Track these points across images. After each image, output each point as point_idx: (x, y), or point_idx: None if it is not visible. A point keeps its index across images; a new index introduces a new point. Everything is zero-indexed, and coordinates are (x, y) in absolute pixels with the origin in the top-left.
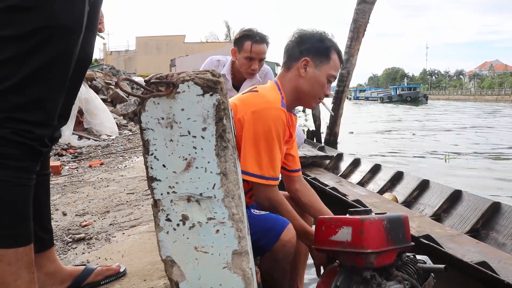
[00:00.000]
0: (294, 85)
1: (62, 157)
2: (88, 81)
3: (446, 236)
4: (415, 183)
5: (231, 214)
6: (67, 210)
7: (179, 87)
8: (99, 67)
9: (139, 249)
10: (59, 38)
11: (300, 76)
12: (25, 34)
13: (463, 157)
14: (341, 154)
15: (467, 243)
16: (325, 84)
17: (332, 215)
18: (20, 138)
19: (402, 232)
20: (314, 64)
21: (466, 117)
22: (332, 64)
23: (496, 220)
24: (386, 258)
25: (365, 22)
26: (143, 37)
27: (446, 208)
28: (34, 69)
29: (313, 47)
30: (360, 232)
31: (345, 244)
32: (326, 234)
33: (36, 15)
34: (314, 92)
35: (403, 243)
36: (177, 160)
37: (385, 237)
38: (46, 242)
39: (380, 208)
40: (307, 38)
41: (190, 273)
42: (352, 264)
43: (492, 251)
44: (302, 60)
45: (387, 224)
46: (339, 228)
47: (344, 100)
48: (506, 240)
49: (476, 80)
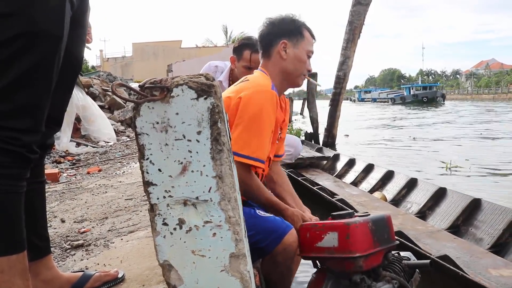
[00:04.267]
0: (279, 68)
1: (60, 164)
2: (85, 88)
3: (426, 232)
4: (403, 181)
5: (228, 217)
6: (66, 217)
7: (173, 91)
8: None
9: (137, 255)
10: (41, 43)
11: (282, 59)
12: (5, 41)
13: (466, 165)
14: (338, 154)
15: (445, 239)
16: (306, 60)
17: (290, 196)
18: (7, 146)
19: (387, 232)
20: (292, 44)
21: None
22: (307, 40)
23: (476, 216)
24: (374, 260)
25: (360, 23)
26: (140, 43)
27: (431, 205)
28: (18, 75)
29: (286, 29)
30: (347, 236)
31: (332, 250)
32: (311, 241)
33: (16, 21)
34: (298, 70)
35: (389, 243)
36: (172, 164)
37: (371, 239)
38: (42, 249)
39: (368, 207)
40: (279, 22)
41: (187, 277)
42: (341, 269)
43: (467, 246)
44: (280, 43)
45: (372, 226)
46: (324, 234)
47: (342, 102)
48: (483, 235)
49: (473, 79)
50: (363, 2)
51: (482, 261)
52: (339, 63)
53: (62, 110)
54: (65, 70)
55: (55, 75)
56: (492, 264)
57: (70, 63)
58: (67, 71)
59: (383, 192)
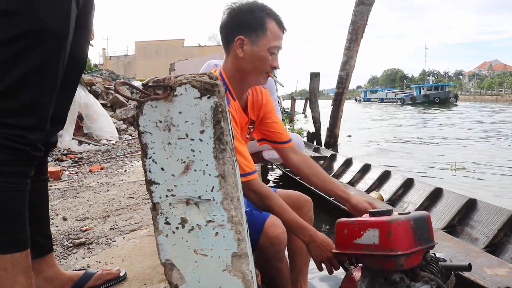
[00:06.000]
0: (236, 68)
1: (62, 162)
2: (88, 86)
3: None
4: (400, 181)
5: (230, 216)
6: (68, 215)
7: (176, 90)
8: (99, 72)
9: (139, 253)
10: (46, 42)
11: (238, 57)
12: (11, 39)
13: (473, 167)
14: (335, 154)
15: (440, 238)
16: (268, 58)
17: (337, 184)
18: (12, 143)
19: (426, 231)
20: (250, 40)
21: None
22: (270, 35)
23: (471, 216)
24: (414, 259)
25: (363, 23)
26: (142, 41)
27: (428, 205)
28: (23, 73)
29: (244, 22)
30: (389, 234)
31: (372, 247)
32: (349, 238)
33: (21, 19)
34: (258, 69)
35: (429, 243)
36: (175, 163)
37: (412, 237)
38: (45, 247)
39: None
40: (236, 14)
41: (189, 276)
42: (380, 267)
43: (462, 246)
44: (236, 40)
45: (413, 224)
46: (364, 230)
47: (344, 102)
48: (479, 235)
49: (476, 80)
50: (366, 2)
51: (478, 260)
52: (342, 63)
53: (65, 108)
54: (69, 68)
55: (60, 73)
56: (487, 263)
57: (75, 61)
58: (71, 70)
59: (380, 192)
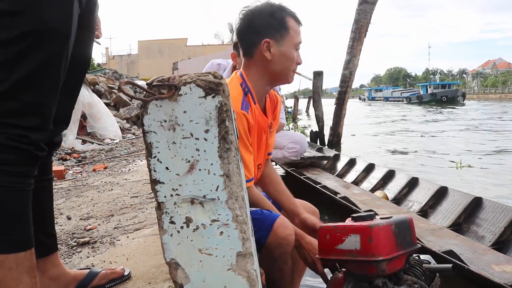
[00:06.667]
0: (264, 70)
1: (66, 161)
2: (91, 86)
3: (428, 230)
4: (405, 181)
5: (235, 215)
6: (72, 214)
7: (181, 89)
8: (102, 71)
9: (143, 252)
10: (48, 41)
11: (267, 60)
12: (13, 39)
13: (479, 163)
14: (338, 154)
15: (447, 236)
16: (294, 55)
17: (291, 199)
18: (15, 143)
19: (409, 235)
20: (276, 42)
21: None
22: (292, 33)
23: (477, 214)
24: (396, 264)
25: (366, 22)
26: (146, 41)
27: (433, 204)
28: (26, 73)
29: (267, 25)
30: (370, 239)
31: (354, 253)
32: (331, 243)
33: (24, 19)
34: (287, 69)
35: (411, 246)
36: (180, 162)
37: (394, 242)
38: (49, 246)
39: (370, 205)
40: (255, 17)
41: (194, 275)
42: (362, 272)
43: (469, 243)
44: (263, 43)
45: (395, 229)
46: (345, 236)
47: (347, 100)
48: (485, 233)
49: (480, 78)
50: (370, 0)
51: (485, 257)
52: (345, 61)
53: (70, 108)
54: (72, 68)
55: (62, 73)
56: (494, 260)
57: (78, 61)
58: (75, 69)
59: (385, 191)
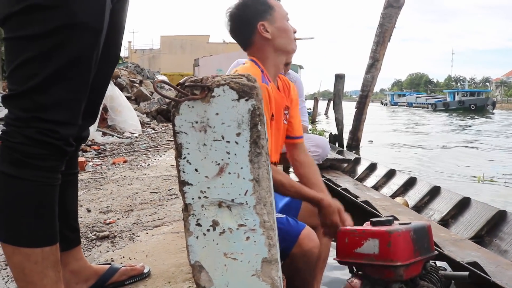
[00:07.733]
0: (269, 49)
1: (86, 153)
2: (113, 79)
3: (449, 240)
4: (426, 189)
5: (262, 221)
6: (91, 206)
7: (214, 91)
8: (124, 65)
9: (163, 250)
10: (80, 36)
11: (268, 40)
12: (46, 33)
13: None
14: (359, 158)
15: (468, 248)
16: (289, 25)
17: (325, 191)
18: (45, 138)
19: (427, 241)
20: (269, 21)
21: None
22: (277, 8)
23: (501, 228)
24: (414, 270)
25: (391, 26)
26: (168, 36)
27: (454, 214)
28: (57, 68)
29: (255, 11)
30: (388, 244)
31: (372, 257)
32: (350, 247)
33: (57, 13)
34: (288, 38)
35: (429, 253)
36: (209, 164)
37: (412, 248)
38: (72, 240)
39: (390, 211)
40: (245, 10)
41: (218, 279)
42: (379, 277)
43: (492, 257)
44: (259, 27)
45: (413, 235)
46: (364, 240)
47: (368, 105)
48: (508, 247)
49: (503, 87)
50: (395, 4)
51: (509, 272)
52: (368, 65)
53: (98, 103)
54: (102, 63)
55: (93, 68)
56: None
57: (108, 56)
58: (104, 65)
59: (405, 198)
